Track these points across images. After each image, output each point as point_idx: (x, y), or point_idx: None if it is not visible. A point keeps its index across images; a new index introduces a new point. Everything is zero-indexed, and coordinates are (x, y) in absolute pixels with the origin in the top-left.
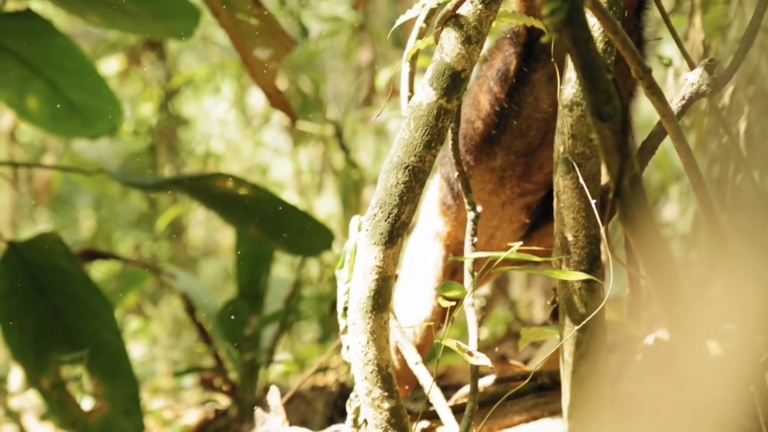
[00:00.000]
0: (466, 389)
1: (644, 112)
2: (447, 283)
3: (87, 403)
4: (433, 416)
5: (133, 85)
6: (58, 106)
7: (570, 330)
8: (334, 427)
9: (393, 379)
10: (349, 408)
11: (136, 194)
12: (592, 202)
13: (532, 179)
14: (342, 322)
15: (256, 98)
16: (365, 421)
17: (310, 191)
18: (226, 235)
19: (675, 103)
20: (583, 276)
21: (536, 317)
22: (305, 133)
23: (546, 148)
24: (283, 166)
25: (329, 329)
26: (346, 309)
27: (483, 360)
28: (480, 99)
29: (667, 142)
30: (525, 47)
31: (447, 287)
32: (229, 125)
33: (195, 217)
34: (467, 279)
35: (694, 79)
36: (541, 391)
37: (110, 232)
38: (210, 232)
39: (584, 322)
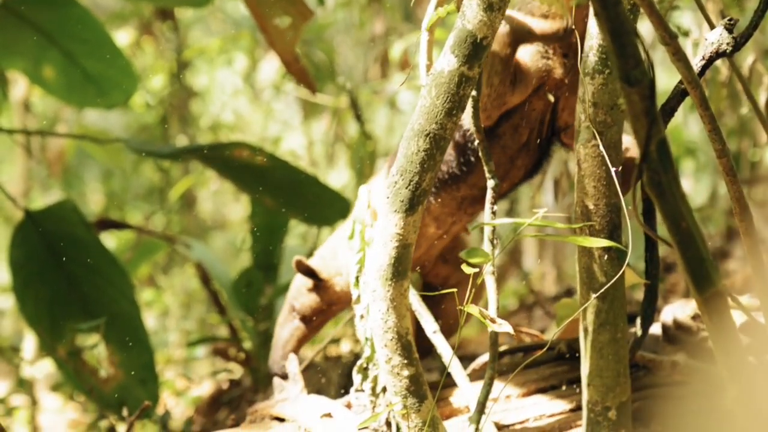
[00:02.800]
0: (481, 359)
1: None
2: (472, 249)
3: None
4: (451, 384)
5: (145, 57)
6: (74, 75)
7: (590, 298)
8: (351, 395)
9: (412, 347)
10: (357, 375)
11: (147, 166)
12: (612, 170)
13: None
14: (354, 292)
15: (268, 71)
16: (383, 389)
17: (322, 163)
18: (234, 210)
19: (695, 63)
20: (606, 243)
21: (548, 290)
22: (317, 104)
23: (507, 180)
24: (294, 138)
25: None
26: (357, 279)
27: (505, 327)
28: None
29: (679, 116)
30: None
31: (472, 253)
32: (240, 97)
33: (205, 190)
34: (488, 247)
35: (714, 38)
36: (559, 360)
37: (122, 203)
38: (218, 206)
39: (603, 289)
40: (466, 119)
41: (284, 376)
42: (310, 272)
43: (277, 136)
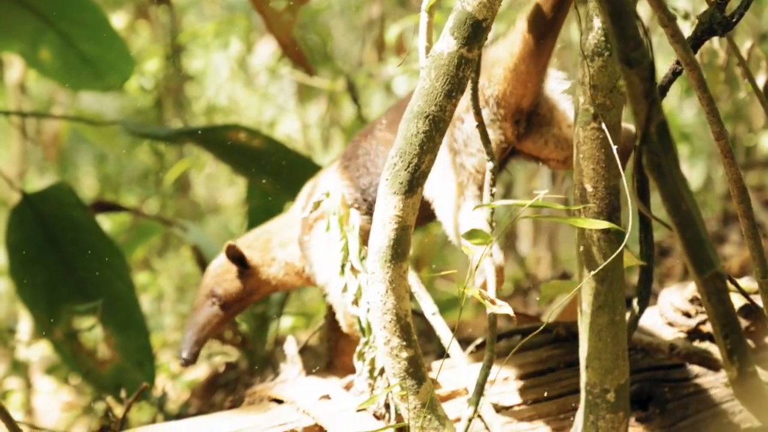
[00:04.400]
0: (479, 341)
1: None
2: (472, 230)
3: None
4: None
5: (139, 41)
6: (71, 58)
7: (588, 281)
8: (348, 377)
9: (411, 329)
10: (358, 361)
11: (141, 150)
12: (614, 148)
13: None
14: (341, 281)
15: (262, 55)
16: (381, 371)
17: (317, 146)
18: (228, 194)
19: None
20: (605, 224)
21: (543, 274)
22: (312, 88)
23: None
24: (289, 121)
25: None
26: (343, 267)
27: (505, 308)
28: None
29: (674, 101)
30: None
31: (472, 234)
32: (235, 81)
33: (200, 173)
34: (486, 228)
35: (705, 17)
36: (557, 343)
37: (116, 187)
38: (212, 190)
39: (598, 270)
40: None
41: (189, 363)
42: (240, 259)
43: (272, 119)
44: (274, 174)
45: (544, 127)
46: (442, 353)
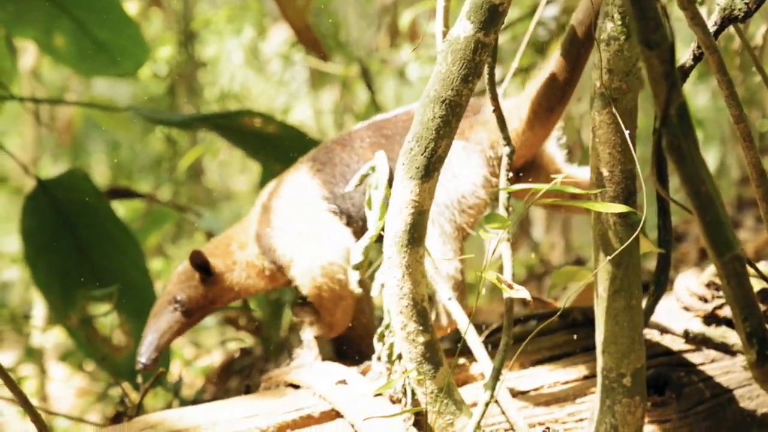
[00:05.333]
0: (495, 327)
1: None
2: (491, 214)
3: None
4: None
5: (152, 28)
6: (85, 44)
7: (604, 265)
8: (366, 362)
9: (428, 314)
10: (377, 343)
11: (154, 137)
12: (627, 135)
13: None
14: (358, 257)
15: (275, 42)
16: (399, 356)
17: (331, 133)
18: (240, 181)
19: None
20: (621, 208)
21: (556, 260)
22: (325, 75)
23: None
24: (302, 108)
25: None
26: (368, 248)
27: (522, 293)
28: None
29: (687, 87)
30: None
31: (490, 218)
32: (248, 68)
33: (213, 160)
34: (502, 212)
35: (726, 3)
36: (573, 328)
37: (129, 174)
38: (224, 177)
39: (615, 255)
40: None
41: (147, 368)
42: (204, 266)
43: (285, 106)
44: (289, 159)
45: (533, 172)
46: (457, 339)
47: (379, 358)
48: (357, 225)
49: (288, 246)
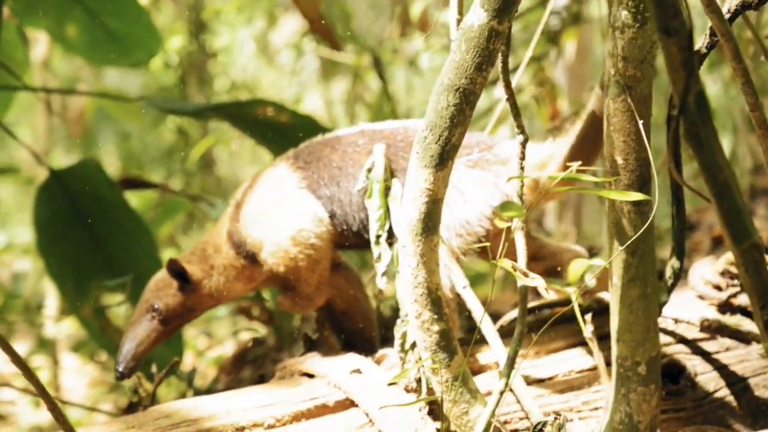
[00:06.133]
0: (509, 316)
1: None
2: (506, 203)
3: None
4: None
5: (163, 17)
6: (98, 34)
7: (619, 254)
8: (381, 351)
9: (442, 302)
10: (397, 333)
11: (165, 127)
12: (641, 124)
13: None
14: (375, 250)
15: (286, 32)
16: (412, 345)
17: (342, 123)
18: (251, 171)
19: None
20: (637, 196)
21: None
22: (336, 64)
23: None
24: (313, 98)
25: (365, 259)
26: (379, 237)
27: (537, 281)
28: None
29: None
30: None
31: (505, 207)
32: (259, 58)
33: (224, 150)
34: (516, 201)
35: None
36: (588, 316)
37: (140, 164)
38: (234, 168)
39: (630, 242)
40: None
41: (124, 377)
42: (182, 274)
43: (296, 96)
44: None
45: None
46: (470, 328)
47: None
48: (342, 227)
49: (256, 231)
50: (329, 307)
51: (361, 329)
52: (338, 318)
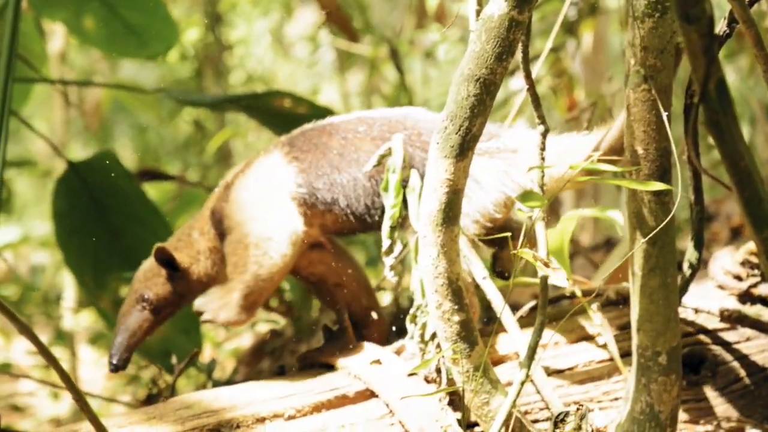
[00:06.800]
0: (528, 306)
1: None
2: (527, 192)
3: None
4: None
5: (179, 9)
6: (115, 26)
7: (640, 243)
8: (399, 341)
9: (463, 293)
10: (410, 324)
11: (182, 120)
12: (663, 114)
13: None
14: (386, 242)
15: (302, 24)
16: (432, 335)
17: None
18: None
19: None
20: (658, 185)
21: (586, 240)
22: (352, 56)
23: None
24: (329, 90)
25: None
26: (393, 228)
27: (559, 272)
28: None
29: None
30: None
31: (526, 196)
32: (275, 50)
33: (241, 142)
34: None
35: None
36: (607, 307)
37: (157, 157)
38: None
39: (652, 233)
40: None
41: (118, 369)
42: (170, 262)
43: (313, 88)
44: None
45: None
46: (489, 319)
47: (412, 338)
48: (344, 214)
49: (240, 215)
50: (324, 284)
51: (360, 299)
52: (334, 291)
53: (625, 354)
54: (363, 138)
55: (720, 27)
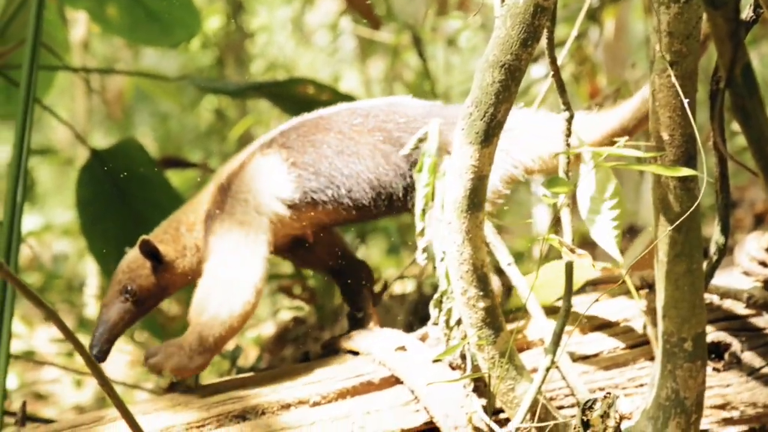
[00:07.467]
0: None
1: None
2: (553, 178)
3: None
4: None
5: None
6: (138, 14)
7: (665, 229)
8: (424, 328)
9: (488, 279)
10: (434, 309)
11: (204, 108)
12: (685, 102)
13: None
14: (419, 224)
15: (323, 11)
16: (458, 321)
17: None
18: None
19: None
20: (685, 171)
21: None
22: (374, 43)
23: None
24: (350, 78)
25: (404, 239)
26: (424, 212)
27: (585, 257)
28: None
29: None
30: None
31: (552, 182)
32: (295, 38)
33: (262, 130)
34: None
35: None
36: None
37: (179, 145)
38: None
39: (676, 219)
40: None
41: (99, 359)
42: (155, 254)
43: (335, 75)
44: None
45: None
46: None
47: (436, 324)
48: (345, 206)
49: (218, 241)
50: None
51: (361, 269)
52: (339, 270)
53: (648, 341)
54: (360, 130)
55: (746, 12)
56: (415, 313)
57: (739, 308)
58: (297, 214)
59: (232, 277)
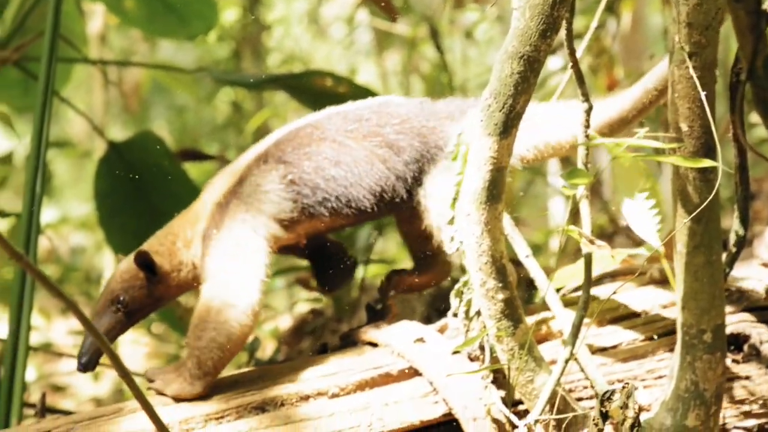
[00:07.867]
0: (571, 284)
1: None
2: (573, 169)
3: None
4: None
5: None
6: (155, 6)
7: (684, 221)
8: (443, 320)
9: (507, 270)
10: (454, 299)
11: (220, 100)
12: (702, 94)
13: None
14: (449, 213)
15: (339, 4)
16: (477, 313)
17: (397, 94)
18: None
19: None
20: (704, 162)
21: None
22: (391, 36)
23: None
24: (367, 70)
25: None
26: (455, 200)
27: (604, 248)
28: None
29: None
30: None
31: (572, 174)
32: (312, 30)
33: (279, 123)
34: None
35: None
36: (651, 285)
37: (195, 137)
38: None
39: (695, 210)
40: None
41: (87, 369)
42: (150, 267)
43: (352, 67)
44: None
45: None
46: (528, 298)
47: (455, 315)
48: (345, 217)
49: (215, 262)
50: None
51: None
52: (314, 250)
53: (670, 332)
54: (356, 137)
55: (767, 4)
56: (432, 305)
57: (759, 300)
58: (294, 228)
59: (229, 302)
